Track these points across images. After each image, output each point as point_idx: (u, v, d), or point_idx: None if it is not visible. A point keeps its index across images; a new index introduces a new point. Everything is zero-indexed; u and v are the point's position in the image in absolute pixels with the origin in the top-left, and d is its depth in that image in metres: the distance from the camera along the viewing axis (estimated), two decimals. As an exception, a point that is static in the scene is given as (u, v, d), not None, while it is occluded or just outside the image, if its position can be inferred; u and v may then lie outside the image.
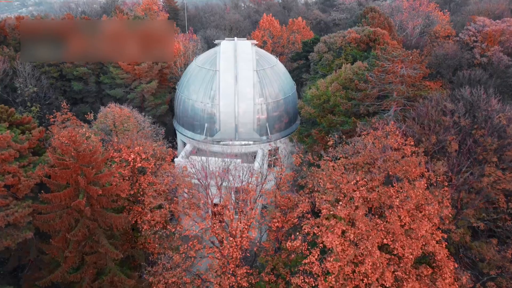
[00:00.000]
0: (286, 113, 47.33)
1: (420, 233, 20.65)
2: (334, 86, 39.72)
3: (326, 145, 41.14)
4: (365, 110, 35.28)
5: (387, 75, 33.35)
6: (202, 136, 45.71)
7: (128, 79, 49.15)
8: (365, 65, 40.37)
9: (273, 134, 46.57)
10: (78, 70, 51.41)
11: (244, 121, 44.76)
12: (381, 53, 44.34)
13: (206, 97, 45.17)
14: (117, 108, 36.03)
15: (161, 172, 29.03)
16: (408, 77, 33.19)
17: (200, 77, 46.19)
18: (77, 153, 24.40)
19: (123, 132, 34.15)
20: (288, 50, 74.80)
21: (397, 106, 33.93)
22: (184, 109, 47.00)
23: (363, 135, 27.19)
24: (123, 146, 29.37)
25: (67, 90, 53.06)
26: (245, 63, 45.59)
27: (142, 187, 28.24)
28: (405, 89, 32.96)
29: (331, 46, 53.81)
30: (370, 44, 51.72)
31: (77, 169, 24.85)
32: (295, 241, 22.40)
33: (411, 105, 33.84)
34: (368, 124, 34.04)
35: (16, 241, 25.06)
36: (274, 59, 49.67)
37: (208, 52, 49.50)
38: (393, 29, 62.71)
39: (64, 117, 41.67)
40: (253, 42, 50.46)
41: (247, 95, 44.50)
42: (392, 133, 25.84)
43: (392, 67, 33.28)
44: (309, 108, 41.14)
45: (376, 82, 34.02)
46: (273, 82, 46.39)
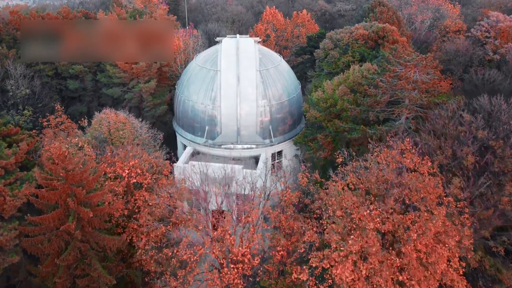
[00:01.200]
0: (291, 115, 45.28)
1: (439, 268, 18.89)
2: (341, 89, 37.62)
3: (333, 152, 39.33)
4: (375, 117, 33.23)
5: (399, 81, 31.22)
6: (203, 139, 43.80)
7: (125, 78, 47.08)
8: (374, 67, 38.18)
9: (277, 137, 44.59)
10: (74, 68, 49.32)
11: (246, 124, 42.77)
12: (392, 56, 42.15)
13: (206, 99, 43.14)
14: (112, 114, 34.09)
15: (157, 189, 27.11)
16: (421, 83, 31.06)
17: (200, 77, 44.10)
18: (66, 173, 22.58)
19: (118, 139, 32.28)
20: (292, 44, 72.39)
21: (409, 113, 31.87)
22: (184, 110, 45.01)
23: (375, 151, 25.15)
24: (117, 159, 27.51)
25: (63, 89, 51.08)
26: (248, 62, 43.41)
27: (137, 204, 26.43)
28: (419, 96, 30.87)
29: (338, 42, 51.49)
30: (378, 42, 49.39)
31: (67, 189, 23.06)
32: (302, 274, 20.68)
33: (424, 112, 31.80)
34: (377, 132, 32.08)
35: (2, 266, 23.40)
36: (277, 58, 47.43)
37: (209, 50, 47.27)
38: (402, 24, 60.20)
39: (58, 120, 39.89)
40: (256, 40, 48.14)
41: (249, 96, 42.42)
42: (408, 151, 23.85)
43: (405, 72, 31.14)
44: (315, 112, 39.10)
45: (387, 88, 31.92)
46: (277, 83, 44.25)
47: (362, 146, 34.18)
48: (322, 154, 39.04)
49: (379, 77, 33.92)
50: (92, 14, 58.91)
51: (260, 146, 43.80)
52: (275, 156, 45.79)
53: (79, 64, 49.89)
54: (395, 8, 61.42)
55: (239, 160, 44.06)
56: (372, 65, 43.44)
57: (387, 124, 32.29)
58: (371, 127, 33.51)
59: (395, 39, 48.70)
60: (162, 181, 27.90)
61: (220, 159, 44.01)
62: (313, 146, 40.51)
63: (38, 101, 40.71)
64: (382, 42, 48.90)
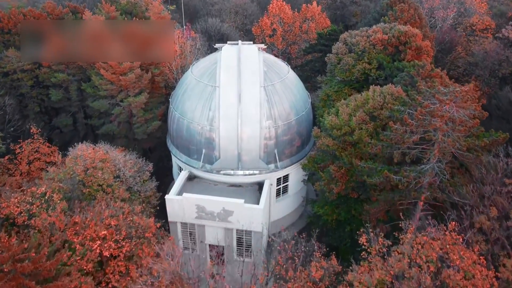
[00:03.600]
0: (299, 135, 39.94)
1: None
2: (359, 116, 32.14)
3: (347, 185, 34.23)
4: (400, 157, 27.90)
5: (432, 118, 25.77)
6: (199, 162, 38.72)
7: (112, 90, 41.68)
8: (399, 90, 32.57)
9: (283, 161, 39.43)
10: (57, 77, 43.95)
11: (248, 148, 37.55)
12: (417, 73, 36.39)
13: (203, 118, 37.82)
14: (89, 150, 28.96)
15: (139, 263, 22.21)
16: (459, 123, 25.61)
17: (196, 93, 38.67)
18: (14, 264, 17.74)
19: (96, 183, 27.34)
20: (300, 39, 66.27)
21: (442, 156, 26.51)
22: (179, 129, 39.78)
23: (409, 237, 20.03)
24: (88, 221, 22.58)
25: (45, 99, 45.85)
26: (251, 77, 37.84)
27: (111, 285, 21.62)
28: (455, 140, 25.45)
29: (353, 47, 45.58)
30: (399, 48, 43.49)
31: (19, 279, 18.24)
32: None
33: (462, 154, 26.43)
34: (404, 180, 26.78)
35: None
36: (284, 68, 41.69)
37: (207, 60, 41.50)
38: (424, 22, 53.86)
39: (33, 146, 34.95)
40: (260, 47, 42.40)
41: (252, 117, 37.03)
42: (453, 240, 18.75)
43: (440, 109, 25.63)
44: (327, 139, 33.73)
45: (416, 126, 26.48)
46: (284, 100, 38.74)
47: (384, 192, 29.01)
48: (335, 188, 33.88)
49: (406, 108, 28.45)
50: (81, 9, 53.14)
51: (263, 172, 38.71)
52: (281, 180, 40.75)
53: (63, 71, 44.51)
54: (416, 4, 54.92)
55: (240, 186, 39.15)
56: (395, 85, 37.86)
57: (415, 169, 26.97)
58: (394, 168, 28.25)
59: (418, 46, 42.83)
60: (145, 249, 22.86)
61: (220, 184, 39.10)
62: (324, 177, 35.32)
63: (10, 125, 35.59)
64: (404, 49, 43.07)
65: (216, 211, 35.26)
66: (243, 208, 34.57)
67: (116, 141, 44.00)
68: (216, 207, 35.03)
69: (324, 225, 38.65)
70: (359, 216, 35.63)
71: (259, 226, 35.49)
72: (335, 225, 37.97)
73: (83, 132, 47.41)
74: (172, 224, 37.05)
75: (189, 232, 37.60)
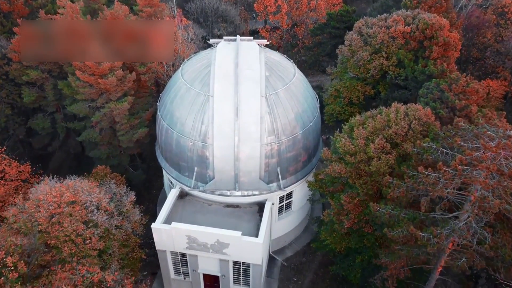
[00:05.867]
0: (305, 149, 34.79)
1: None
2: (378, 143, 26.90)
3: (360, 218, 29.54)
4: (428, 206, 22.97)
5: (474, 169, 20.62)
6: (191, 181, 33.96)
7: (91, 93, 36.19)
8: (427, 113, 27.10)
9: (286, 179, 34.59)
10: (29, 74, 38.30)
11: (247, 169, 32.56)
12: (449, 87, 30.69)
13: (195, 133, 32.63)
14: (54, 191, 24.02)
15: None
16: (509, 176, 20.47)
17: (187, 102, 33.25)
18: None
19: (61, 236, 22.75)
20: (308, 19, 59.55)
21: (482, 214, 21.59)
22: (167, 142, 34.71)
23: None
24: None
25: (17, 100, 40.43)
26: (250, 85, 32.21)
27: None
28: (503, 197, 20.42)
29: (369, 40, 39.56)
30: (424, 43, 37.49)
31: None
32: None
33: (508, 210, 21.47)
34: (433, 241, 21.96)
35: None
36: (290, 70, 35.78)
37: (199, 61, 35.46)
38: (450, 5, 47.01)
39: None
40: (262, 43, 36.42)
41: (251, 135, 31.77)
42: None
43: (484, 157, 20.41)
44: (339, 167, 28.71)
45: (452, 174, 21.36)
46: (288, 111, 33.26)
47: (406, 247, 24.30)
48: (346, 222, 29.24)
49: (438, 146, 23.23)
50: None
51: (264, 193, 33.97)
52: (284, 198, 36.10)
53: (36, 68, 38.82)
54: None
55: (237, 207, 34.61)
56: (420, 98, 32.37)
57: (446, 226, 22.11)
58: (421, 216, 23.42)
59: (446, 41, 36.87)
60: None
61: (215, 204, 34.56)
62: (333, 206, 30.64)
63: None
64: (429, 45, 37.14)
65: (209, 243, 30.91)
66: (240, 241, 30.15)
67: (99, 147, 39.13)
68: (209, 238, 30.64)
69: (331, 252, 34.36)
70: (371, 246, 31.33)
71: (259, 259, 31.25)
72: (344, 251, 33.63)
73: (63, 135, 42.33)
74: (161, 252, 32.89)
75: (180, 260, 33.50)
